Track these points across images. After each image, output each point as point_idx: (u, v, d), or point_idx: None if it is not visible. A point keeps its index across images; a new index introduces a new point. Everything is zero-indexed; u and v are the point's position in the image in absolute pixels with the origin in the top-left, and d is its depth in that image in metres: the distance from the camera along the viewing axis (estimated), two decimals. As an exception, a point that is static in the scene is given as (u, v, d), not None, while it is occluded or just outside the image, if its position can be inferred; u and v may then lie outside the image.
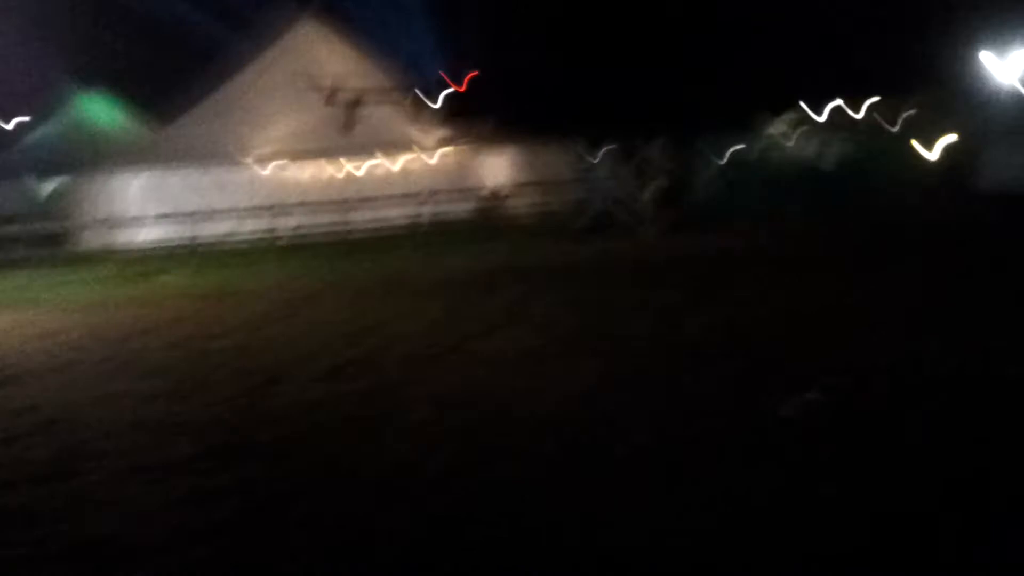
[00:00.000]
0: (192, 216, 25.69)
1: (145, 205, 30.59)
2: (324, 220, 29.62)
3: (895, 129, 24.93)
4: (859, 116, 26.07)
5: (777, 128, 27.74)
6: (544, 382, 9.81)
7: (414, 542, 6.07)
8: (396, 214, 29.14)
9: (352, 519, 6.51)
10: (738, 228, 24.55)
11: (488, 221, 28.32)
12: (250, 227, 28.39)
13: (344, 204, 27.69)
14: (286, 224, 28.01)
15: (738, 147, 28.29)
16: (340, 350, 12.13)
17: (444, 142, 34.31)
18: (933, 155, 25.46)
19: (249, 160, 32.05)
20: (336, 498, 6.93)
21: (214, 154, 32.07)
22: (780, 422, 7.88)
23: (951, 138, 25.44)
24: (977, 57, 22.32)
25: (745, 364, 9.90)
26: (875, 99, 25.91)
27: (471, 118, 36.29)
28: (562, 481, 6.95)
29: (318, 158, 32.59)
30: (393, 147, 33.42)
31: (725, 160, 28.52)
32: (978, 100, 24.75)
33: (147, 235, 29.24)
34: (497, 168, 35.35)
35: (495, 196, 32.77)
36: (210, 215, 27.23)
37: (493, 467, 7.31)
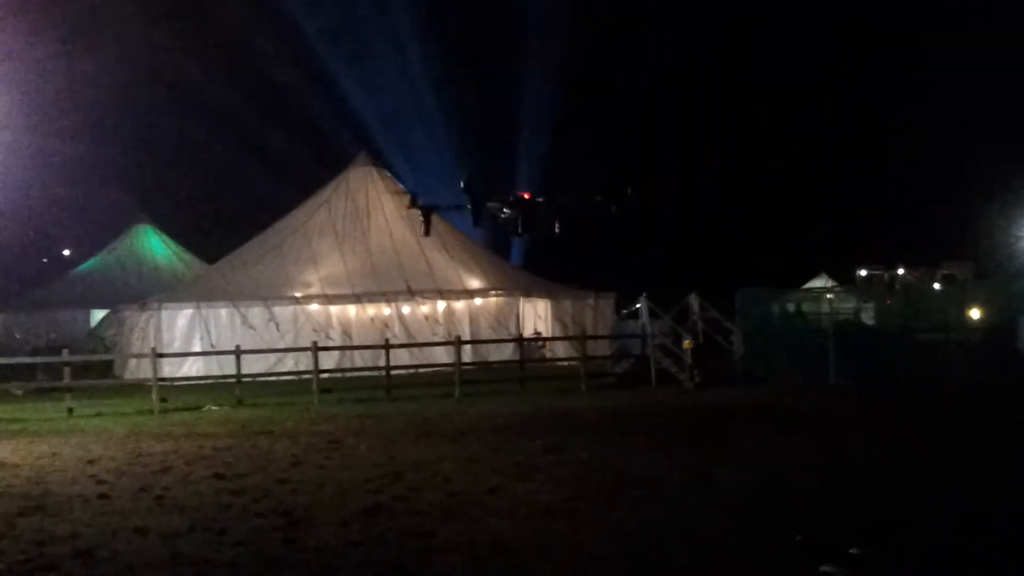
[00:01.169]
0: (235, 351, 26.04)
1: (190, 338, 31.13)
2: (365, 360, 29.94)
3: (934, 291, 25.07)
4: (896, 279, 26.34)
5: (815, 288, 27.94)
6: (578, 532, 9.84)
7: None
8: (437, 356, 29.44)
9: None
10: (774, 384, 24.64)
11: (527, 366, 28.49)
12: (292, 364, 28.75)
13: (385, 345, 27.98)
14: (327, 362, 28.31)
15: (776, 305, 28.50)
16: (373, 492, 12.23)
17: (488, 289, 34.81)
18: (973, 318, 25.53)
19: (294, 298, 32.63)
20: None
21: (260, 292, 32.72)
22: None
23: (991, 302, 25.57)
24: (1016, 226, 22.64)
25: (782, 519, 9.93)
26: (913, 265, 26.24)
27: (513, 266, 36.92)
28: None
29: (362, 299, 33.13)
30: (437, 291, 33.94)
31: (762, 317, 28.70)
32: (1017, 267, 24.93)
33: (190, 368, 29.65)
34: (537, 315, 35.77)
35: (534, 342, 33.03)
36: (253, 351, 27.59)
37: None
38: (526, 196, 16.28)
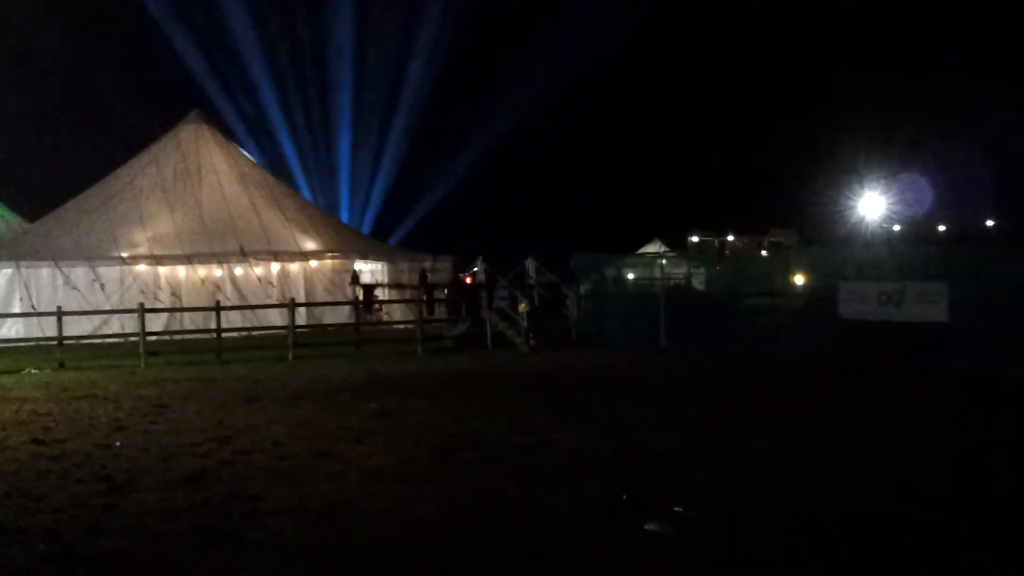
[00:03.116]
0: (57, 312, 25.02)
1: (9, 299, 29.84)
2: (196, 322, 29.22)
3: (761, 257, 25.85)
4: (725, 245, 27.11)
5: (649, 253, 28.54)
6: (410, 495, 9.75)
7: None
8: (270, 319, 28.95)
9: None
10: (607, 347, 25.06)
11: (363, 329, 28.27)
12: (118, 326, 27.85)
13: (216, 307, 27.30)
14: (155, 325, 27.51)
15: (610, 270, 28.96)
16: (200, 456, 11.91)
17: (324, 251, 34.35)
18: (797, 283, 26.44)
19: (121, 258, 31.56)
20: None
21: (84, 251, 31.55)
22: (648, 536, 8.11)
23: (813, 268, 26.49)
24: (839, 195, 23.48)
25: (611, 480, 10.06)
26: (742, 232, 27.08)
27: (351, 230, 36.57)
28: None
29: (192, 260, 32.27)
30: (271, 252, 33.32)
31: (596, 282, 29.12)
32: (839, 234, 25.88)
33: (10, 330, 28.45)
34: (374, 278, 35.50)
35: (370, 305, 32.79)
36: (76, 312, 26.60)
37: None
38: (469, 280, 16.60)
